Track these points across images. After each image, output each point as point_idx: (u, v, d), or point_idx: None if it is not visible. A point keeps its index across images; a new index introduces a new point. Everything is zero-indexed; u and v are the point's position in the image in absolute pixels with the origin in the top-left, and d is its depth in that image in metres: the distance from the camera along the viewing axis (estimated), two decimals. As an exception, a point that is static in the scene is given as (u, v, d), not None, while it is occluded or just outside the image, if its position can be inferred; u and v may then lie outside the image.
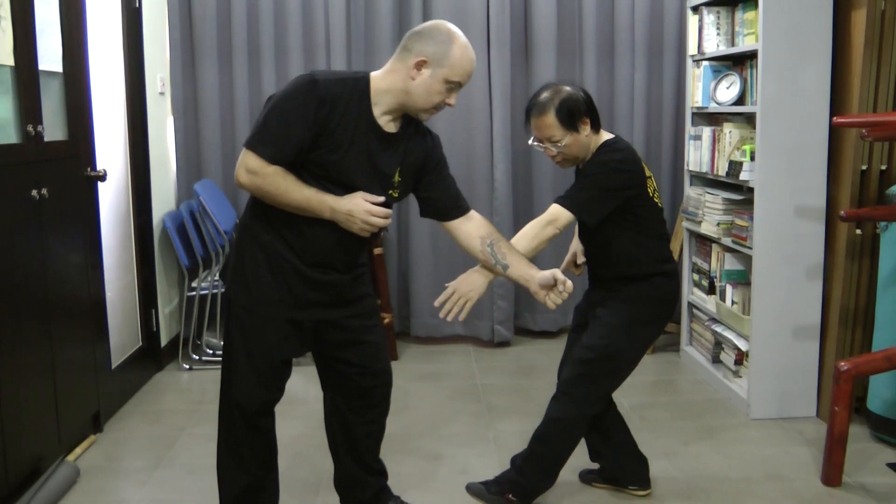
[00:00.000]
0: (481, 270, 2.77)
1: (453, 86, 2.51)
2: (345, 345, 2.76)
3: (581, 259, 3.20)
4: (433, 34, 2.49)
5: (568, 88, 2.87)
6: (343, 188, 2.51)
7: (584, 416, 3.01)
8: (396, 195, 2.64)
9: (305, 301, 2.62)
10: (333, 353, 2.78)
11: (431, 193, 2.73)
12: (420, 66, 2.47)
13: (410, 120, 2.64)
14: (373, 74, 2.56)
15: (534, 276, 2.66)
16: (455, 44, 2.48)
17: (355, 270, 2.71)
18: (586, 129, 2.87)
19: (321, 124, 2.44)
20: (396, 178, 2.61)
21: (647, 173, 2.94)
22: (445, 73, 2.47)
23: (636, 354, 3.02)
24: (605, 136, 2.96)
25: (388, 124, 2.56)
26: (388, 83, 2.52)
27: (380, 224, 2.52)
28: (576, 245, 3.25)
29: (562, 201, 2.86)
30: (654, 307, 3.01)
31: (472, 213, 2.77)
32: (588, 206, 2.85)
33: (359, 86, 2.52)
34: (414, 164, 2.66)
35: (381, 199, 2.53)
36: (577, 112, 2.83)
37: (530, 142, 2.97)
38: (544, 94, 2.87)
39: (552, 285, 2.63)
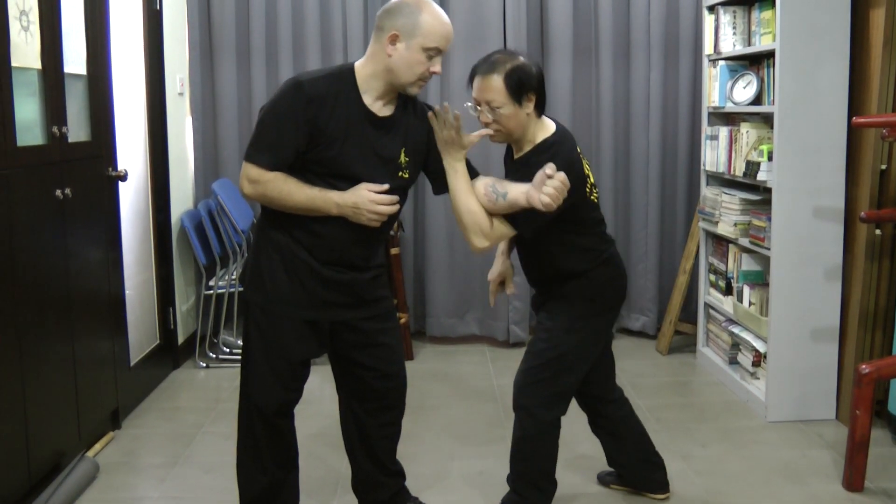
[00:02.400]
0: (498, 256, 3.01)
1: (432, 52, 2.51)
2: (359, 347, 2.77)
3: (509, 284, 3.08)
4: (401, 7, 2.51)
5: (523, 59, 2.69)
6: (348, 181, 2.53)
7: (548, 422, 2.89)
8: (407, 175, 2.65)
9: (321, 301, 2.64)
10: (348, 355, 2.79)
11: (440, 166, 2.71)
12: (394, 40, 2.49)
13: (406, 101, 2.65)
14: (356, 64, 2.58)
15: (527, 189, 2.55)
16: (423, 11, 2.49)
17: (372, 270, 2.72)
18: (529, 107, 2.69)
19: (312, 123, 2.46)
20: (403, 158, 2.62)
21: (587, 171, 2.76)
22: (420, 41, 2.48)
23: (586, 350, 2.89)
24: (549, 124, 2.78)
25: (382, 109, 2.58)
26: (370, 68, 2.55)
27: (386, 211, 2.53)
28: (498, 267, 3.09)
29: (514, 222, 2.68)
30: (594, 300, 2.87)
31: (479, 176, 2.76)
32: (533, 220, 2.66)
33: (345, 77, 2.54)
34: (419, 143, 2.68)
35: (385, 186, 2.54)
36: (527, 85, 2.65)
37: (466, 104, 2.75)
38: (497, 56, 2.70)
39: (544, 179, 2.49)
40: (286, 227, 2.60)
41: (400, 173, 2.62)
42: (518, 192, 2.58)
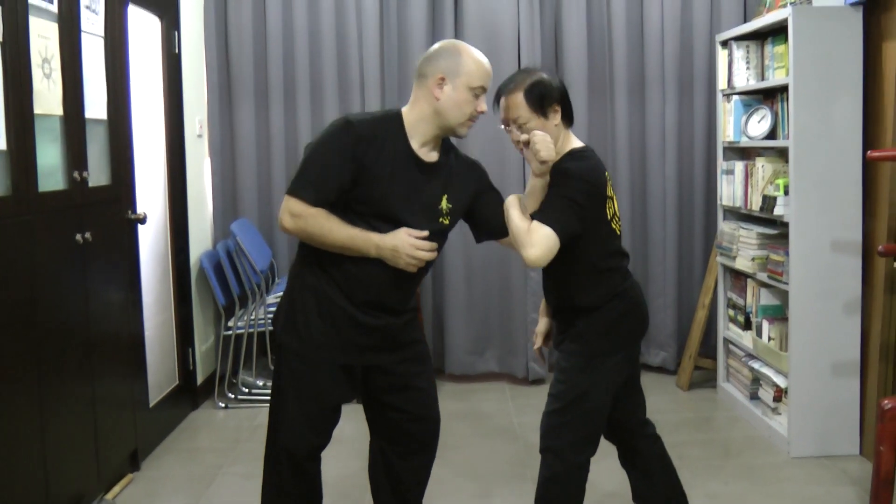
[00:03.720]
0: (541, 316, 3.06)
1: (478, 90, 2.56)
2: (393, 390, 2.76)
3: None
4: (441, 52, 2.57)
5: (543, 74, 2.73)
6: (390, 223, 2.54)
7: (575, 464, 2.82)
8: (447, 222, 2.67)
9: (355, 345, 2.64)
10: (382, 399, 2.78)
11: (487, 213, 2.77)
12: (441, 83, 2.54)
13: (449, 148, 2.69)
14: (403, 109, 2.62)
15: (530, 181, 2.68)
16: (464, 53, 2.56)
17: (407, 314, 2.73)
18: (556, 118, 2.72)
19: (359, 162, 2.48)
20: (445, 204, 2.64)
21: (610, 193, 2.75)
22: (465, 80, 2.53)
23: (606, 389, 2.82)
24: (575, 141, 2.81)
25: (428, 154, 2.61)
26: (417, 113, 2.59)
27: (426, 258, 2.54)
28: (543, 326, 3.09)
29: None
30: (611, 337, 2.81)
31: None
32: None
33: (393, 122, 2.58)
34: (461, 191, 2.70)
35: (425, 233, 2.55)
36: (548, 97, 2.69)
37: (500, 125, 2.81)
38: (517, 75, 2.77)
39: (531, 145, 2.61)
40: (322, 267, 2.61)
41: (440, 219, 2.64)
42: (528, 185, 2.68)
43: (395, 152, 2.54)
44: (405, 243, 2.51)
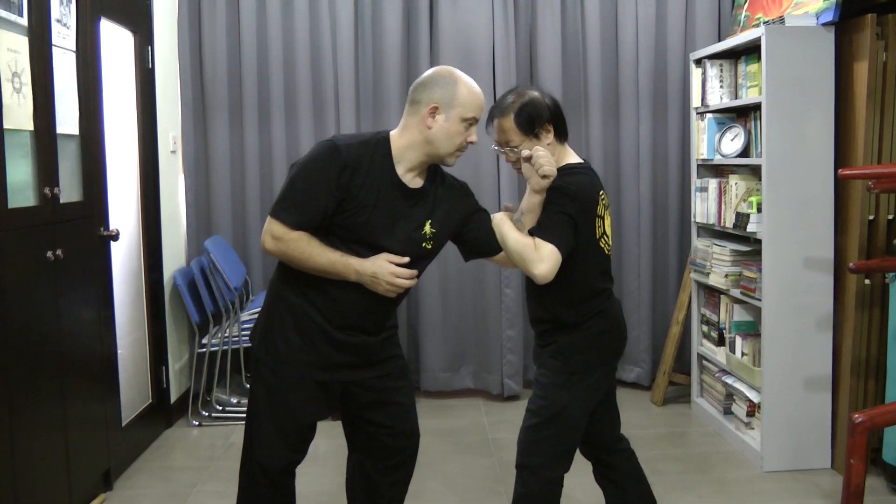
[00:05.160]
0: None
1: (470, 121, 2.57)
2: (372, 406, 2.76)
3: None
4: (436, 80, 2.56)
5: (534, 93, 2.75)
6: (371, 249, 2.54)
7: (551, 480, 2.84)
8: (430, 246, 2.66)
9: (332, 362, 2.64)
10: (361, 414, 2.78)
11: (478, 234, 2.77)
12: (433, 112, 2.53)
13: (435, 173, 2.69)
14: (391, 133, 2.61)
15: (528, 197, 2.70)
16: (460, 83, 2.55)
17: (384, 332, 2.72)
18: (549, 137, 2.74)
19: (344, 188, 2.48)
20: (428, 229, 2.64)
21: (600, 212, 2.77)
22: (458, 112, 2.53)
23: (585, 406, 2.84)
24: (572, 155, 2.84)
25: (413, 180, 2.61)
26: (407, 139, 2.57)
27: (405, 285, 2.54)
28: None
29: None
30: (591, 354, 2.82)
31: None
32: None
33: (380, 147, 2.57)
34: (450, 217, 2.70)
35: (406, 259, 2.55)
36: (538, 118, 2.71)
37: (494, 147, 2.82)
38: (508, 97, 2.77)
39: (530, 161, 2.65)
40: (301, 288, 2.60)
41: (424, 244, 2.64)
42: (525, 201, 2.70)
43: (381, 178, 2.54)
44: (385, 270, 2.51)
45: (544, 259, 2.62)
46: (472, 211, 2.80)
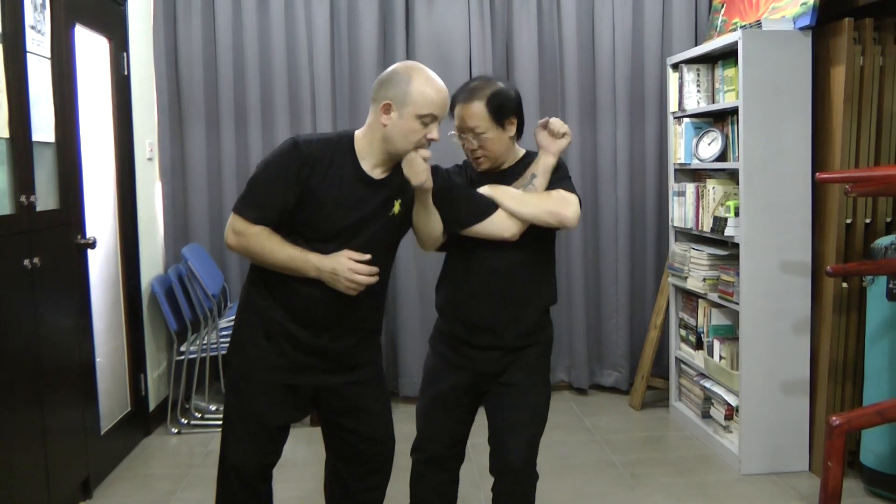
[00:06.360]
0: None
1: (427, 119, 2.53)
2: (345, 411, 2.75)
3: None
4: (392, 77, 2.55)
5: (500, 83, 2.73)
6: (334, 244, 2.54)
7: (535, 479, 2.89)
8: (401, 219, 2.66)
9: (302, 366, 2.63)
10: (335, 420, 2.78)
11: (455, 206, 2.71)
12: (387, 110, 2.52)
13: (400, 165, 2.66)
14: (356, 132, 2.62)
15: (541, 151, 2.77)
16: (414, 80, 2.53)
17: (356, 336, 2.70)
18: (512, 130, 2.73)
19: (304, 185, 2.49)
20: (398, 208, 2.63)
21: None
22: (412, 110, 2.51)
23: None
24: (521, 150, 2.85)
25: (380, 173, 2.60)
26: (368, 137, 2.58)
27: (363, 281, 2.51)
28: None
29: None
30: (548, 353, 2.91)
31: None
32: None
33: (343, 143, 2.58)
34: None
35: (367, 256, 2.54)
36: (507, 108, 2.69)
37: (450, 133, 2.76)
38: (476, 83, 2.74)
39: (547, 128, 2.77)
40: (269, 287, 2.61)
41: (398, 226, 2.66)
42: (539, 165, 2.73)
43: (342, 174, 2.54)
44: (344, 267, 2.49)
45: (571, 203, 2.66)
46: (447, 185, 2.75)
